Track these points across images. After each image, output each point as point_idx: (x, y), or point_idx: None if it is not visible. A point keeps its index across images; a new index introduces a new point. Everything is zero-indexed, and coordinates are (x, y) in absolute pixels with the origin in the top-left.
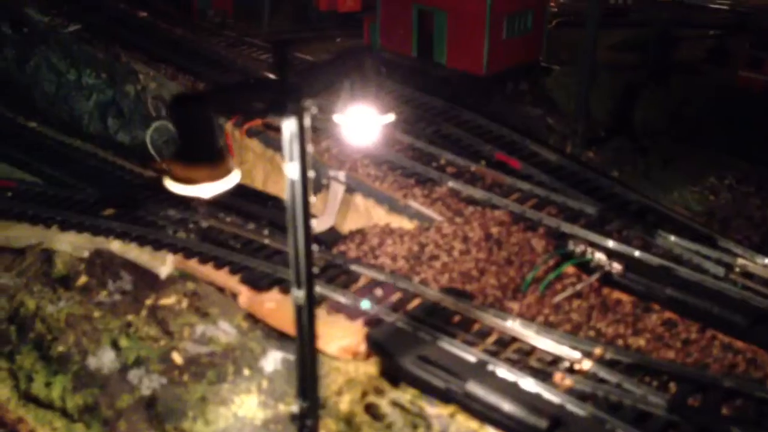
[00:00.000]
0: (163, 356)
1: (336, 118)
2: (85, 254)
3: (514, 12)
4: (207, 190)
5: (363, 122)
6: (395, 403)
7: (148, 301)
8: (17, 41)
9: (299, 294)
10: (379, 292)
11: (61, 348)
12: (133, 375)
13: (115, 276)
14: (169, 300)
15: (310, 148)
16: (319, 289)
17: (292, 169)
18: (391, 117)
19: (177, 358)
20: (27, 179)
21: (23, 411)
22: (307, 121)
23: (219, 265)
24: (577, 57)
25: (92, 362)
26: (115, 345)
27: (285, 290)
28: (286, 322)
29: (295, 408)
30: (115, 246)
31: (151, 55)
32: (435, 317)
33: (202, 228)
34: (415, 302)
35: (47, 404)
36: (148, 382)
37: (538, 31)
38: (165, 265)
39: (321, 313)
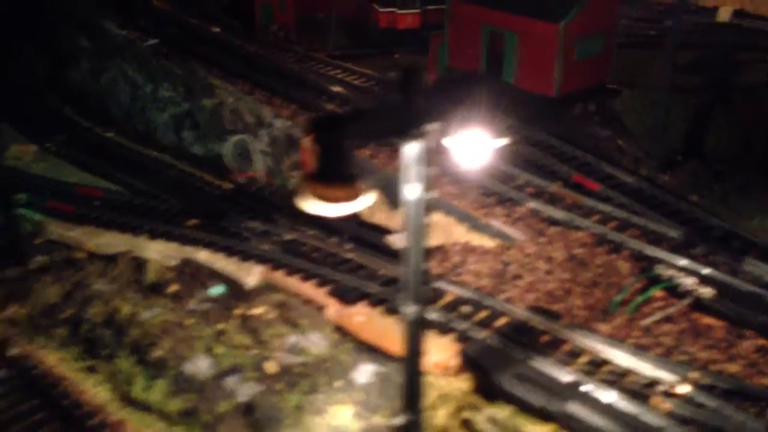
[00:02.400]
0: (256, 365)
1: (446, 142)
2: (173, 263)
3: (586, 34)
4: (342, 209)
5: (474, 146)
6: (492, 420)
7: (238, 311)
8: (93, 54)
9: (411, 310)
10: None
11: (158, 353)
12: (229, 382)
13: (204, 285)
14: (258, 310)
15: (429, 171)
16: None
17: (410, 191)
18: (504, 141)
19: (270, 367)
20: (110, 188)
21: (124, 413)
22: (429, 145)
23: (306, 277)
24: (643, 79)
25: (188, 368)
26: (209, 352)
27: (373, 304)
28: (377, 336)
29: (397, 420)
30: (203, 256)
31: (227, 70)
32: (525, 335)
33: (284, 240)
34: (503, 320)
35: (147, 407)
36: (244, 389)
37: (608, 54)
38: (252, 275)
39: None
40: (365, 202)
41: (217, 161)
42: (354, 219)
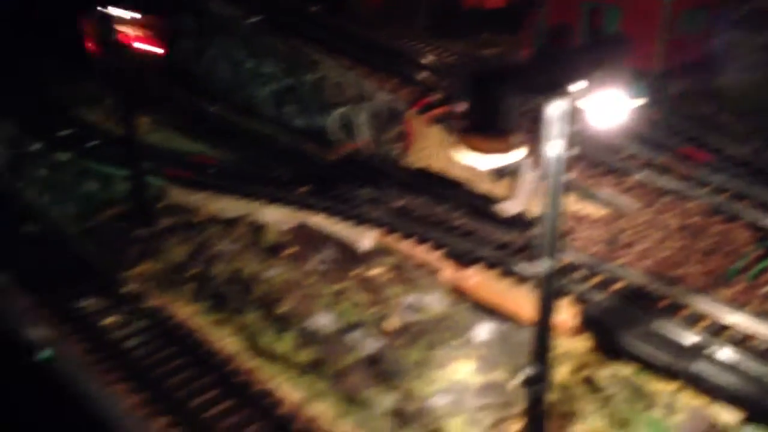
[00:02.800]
0: (377, 321)
1: (581, 103)
2: (289, 227)
3: (691, 9)
4: (495, 161)
5: (612, 106)
6: (614, 377)
7: (355, 272)
8: (196, 33)
9: (545, 264)
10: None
11: (283, 309)
12: (352, 336)
13: (319, 248)
14: (374, 271)
15: (573, 129)
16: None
17: (552, 148)
18: (642, 101)
19: (391, 324)
20: (222, 158)
21: (255, 362)
22: (573, 104)
23: (419, 241)
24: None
25: (312, 323)
26: (331, 309)
27: (488, 267)
28: (494, 296)
29: (525, 373)
30: (317, 220)
31: (327, 46)
32: (643, 299)
33: (396, 207)
34: (619, 284)
35: (276, 357)
36: (367, 344)
37: (710, 29)
38: (365, 239)
39: (526, 291)
40: (518, 155)
41: (320, 134)
42: (461, 188)
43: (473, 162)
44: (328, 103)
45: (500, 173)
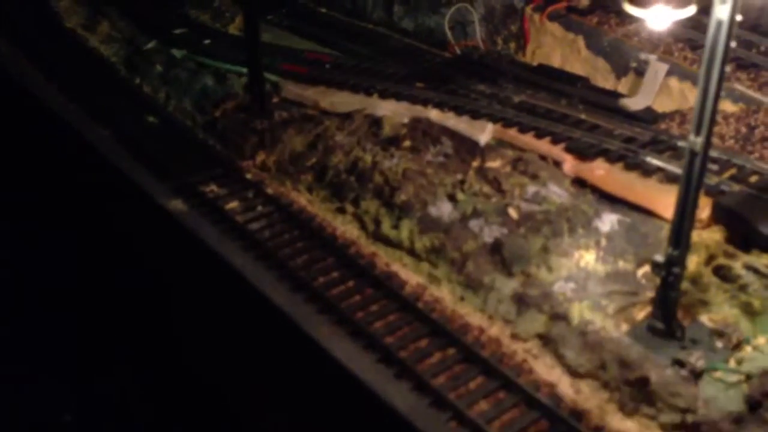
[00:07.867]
0: (498, 211)
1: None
2: (405, 120)
3: None
4: (667, 15)
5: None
6: (750, 267)
7: (474, 163)
8: None
9: (697, 140)
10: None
11: (402, 197)
12: (473, 224)
13: (436, 141)
14: (494, 163)
15: None
16: (651, 159)
17: (722, 11)
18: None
19: (512, 213)
20: (335, 55)
21: (375, 247)
22: None
23: (540, 135)
24: None
25: (432, 211)
26: (451, 198)
27: (612, 160)
28: (620, 188)
29: (659, 257)
30: (433, 114)
31: None
32: None
33: (514, 102)
34: (755, 178)
35: (396, 244)
36: (488, 231)
37: None
38: (484, 133)
39: (655, 183)
40: (688, 12)
41: (429, 35)
42: (581, 84)
43: (643, 14)
44: (439, 3)
45: (623, 71)
